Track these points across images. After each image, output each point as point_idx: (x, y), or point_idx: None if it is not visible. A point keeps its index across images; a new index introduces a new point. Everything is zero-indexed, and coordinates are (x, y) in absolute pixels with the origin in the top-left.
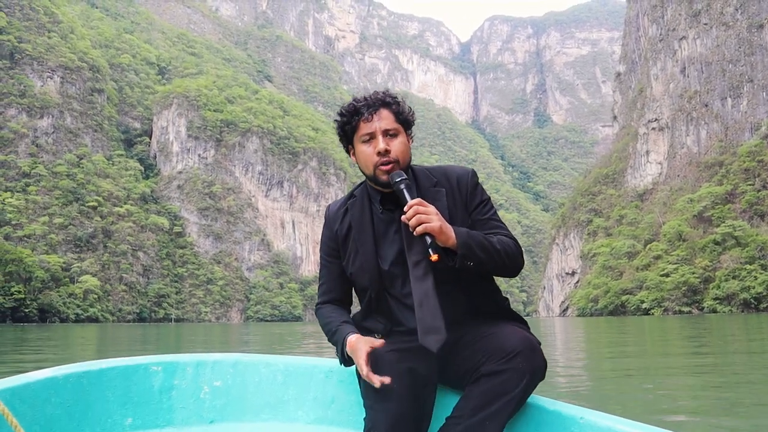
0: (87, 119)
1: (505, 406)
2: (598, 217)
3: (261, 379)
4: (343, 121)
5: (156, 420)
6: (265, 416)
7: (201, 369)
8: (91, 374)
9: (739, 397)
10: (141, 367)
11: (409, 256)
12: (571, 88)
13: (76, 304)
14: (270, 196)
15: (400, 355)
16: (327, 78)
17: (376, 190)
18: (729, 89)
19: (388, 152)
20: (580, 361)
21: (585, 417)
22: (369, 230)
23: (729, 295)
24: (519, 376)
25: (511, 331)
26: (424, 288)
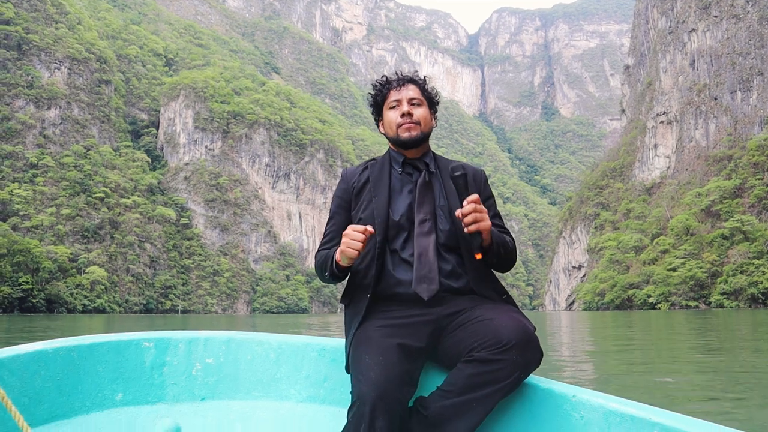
0: (94, 110)
1: (494, 393)
2: (606, 210)
3: (253, 357)
4: (376, 92)
5: (147, 396)
6: (257, 394)
7: (193, 346)
8: (82, 348)
9: (745, 390)
10: (133, 342)
11: (417, 213)
12: (579, 81)
13: (83, 294)
14: (277, 188)
15: (389, 330)
16: (334, 70)
17: (399, 153)
18: (739, 82)
19: (411, 114)
20: (585, 355)
21: (577, 395)
22: (386, 184)
23: (736, 290)
24: (512, 367)
25: (509, 319)
26: (425, 244)
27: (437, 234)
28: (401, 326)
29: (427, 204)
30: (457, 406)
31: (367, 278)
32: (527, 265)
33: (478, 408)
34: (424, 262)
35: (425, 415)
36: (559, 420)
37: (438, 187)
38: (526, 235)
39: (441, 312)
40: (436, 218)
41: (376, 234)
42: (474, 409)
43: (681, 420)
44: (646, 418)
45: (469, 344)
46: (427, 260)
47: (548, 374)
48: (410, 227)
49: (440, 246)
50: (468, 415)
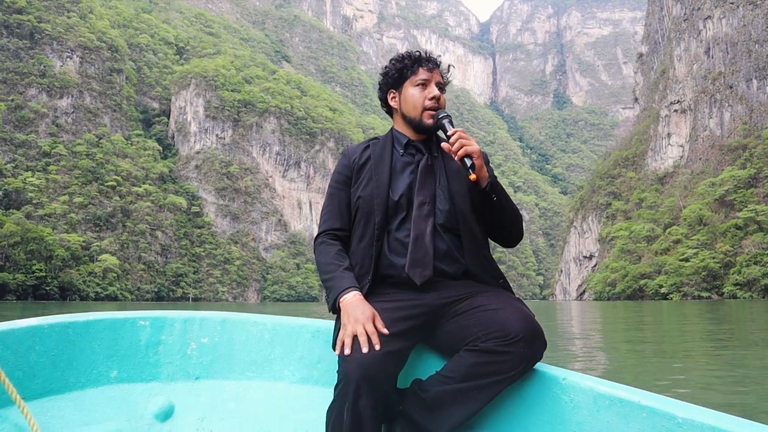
0: (106, 99)
1: (497, 384)
2: (617, 200)
3: (248, 338)
4: (403, 64)
5: (141, 374)
6: (251, 374)
7: (189, 325)
8: (77, 325)
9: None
10: (129, 320)
11: (417, 195)
12: (591, 69)
13: (95, 282)
14: (287, 176)
15: (380, 312)
16: (345, 58)
17: (404, 135)
18: (755, 70)
19: (439, 99)
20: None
21: (567, 378)
22: (387, 163)
23: (750, 281)
24: (518, 360)
25: (515, 311)
26: (423, 227)
27: (436, 215)
28: (392, 309)
29: (428, 187)
30: (457, 392)
31: (366, 259)
32: (538, 254)
33: (479, 396)
34: (419, 246)
35: (423, 397)
36: (549, 402)
37: (440, 170)
38: (537, 224)
39: (435, 297)
40: (435, 200)
41: (375, 214)
42: (475, 397)
43: (669, 403)
44: (635, 401)
45: (472, 333)
46: (423, 244)
47: (558, 363)
48: (409, 208)
49: (439, 226)
50: (467, 403)
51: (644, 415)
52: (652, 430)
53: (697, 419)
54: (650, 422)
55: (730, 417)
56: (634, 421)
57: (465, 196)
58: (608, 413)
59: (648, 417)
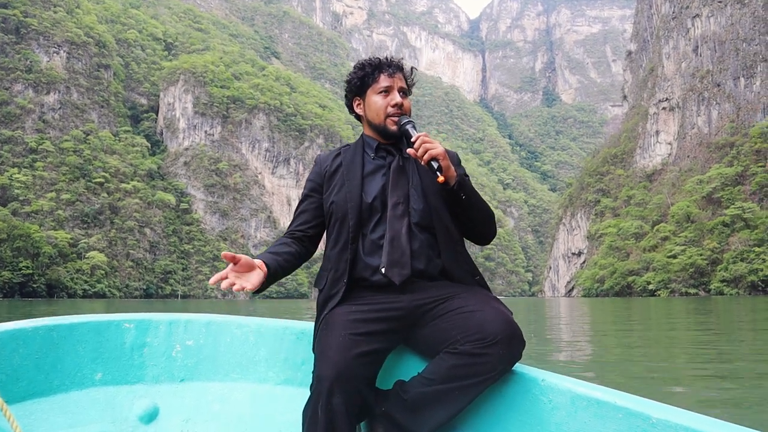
0: (93, 95)
1: (477, 385)
2: (606, 197)
3: (233, 340)
4: (364, 72)
5: (126, 376)
6: (235, 376)
7: (174, 328)
8: (61, 328)
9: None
10: (113, 323)
11: (390, 196)
12: (580, 66)
13: (83, 279)
14: (276, 173)
15: (358, 314)
16: (334, 55)
17: (374, 139)
18: (742, 69)
19: (402, 106)
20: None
21: (546, 379)
22: (359, 167)
23: (736, 278)
24: (497, 362)
25: (493, 311)
26: (398, 227)
27: (410, 214)
28: (370, 311)
29: (401, 187)
30: (438, 394)
31: (341, 263)
32: (527, 251)
33: (459, 397)
34: (396, 246)
35: (405, 399)
36: (528, 403)
37: (412, 170)
38: (526, 221)
39: (413, 298)
40: (409, 200)
41: (349, 217)
42: (455, 398)
43: (644, 404)
44: (612, 402)
45: (451, 335)
46: (399, 244)
47: (545, 357)
48: (383, 209)
49: (413, 225)
50: (448, 404)
51: (620, 416)
52: (627, 431)
53: (671, 419)
54: (626, 423)
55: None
56: (611, 421)
57: (438, 195)
58: (586, 414)
59: (624, 417)
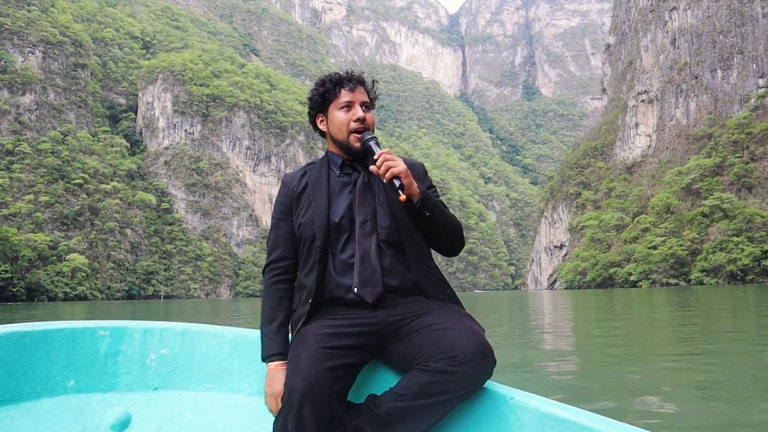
0: (70, 95)
1: (448, 402)
2: (587, 189)
3: (208, 349)
4: (325, 88)
5: (99, 384)
6: (209, 385)
7: (149, 336)
8: (35, 334)
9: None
10: (88, 330)
11: (357, 214)
12: (560, 60)
13: (64, 282)
14: (258, 171)
15: (331, 330)
16: (314, 51)
17: (338, 155)
18: (719, 61)
19: (364, 120)
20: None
21: (515, 397)
22: (324, 187)
23: (716, 267)
24: (467, 380)
25: (465, 330)
26: (367, 245)
27: (378, 232)
28: (344, 326)
29: (367, 204)
30: (410, 409)
31: (308, 283)
32: (509, 244)
33: (430, 414)
34: (366, 264)
35: (376, 413)
36: (496, 421)
37: (378, 186)
38: (508, 215)
39: (386, 315)
40: (376, 217)
41: (317, 238)
42: (426, 414)
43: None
44: (578, 421)
45: (424, 352)
46: (369, 262)
47: (529, 353)
48: (351, 228)
49: (381, 243)
50: (419, 420)
51: None
52: None
53: None
54: None
55: None
56: None
57: (405, 210)
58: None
59: None
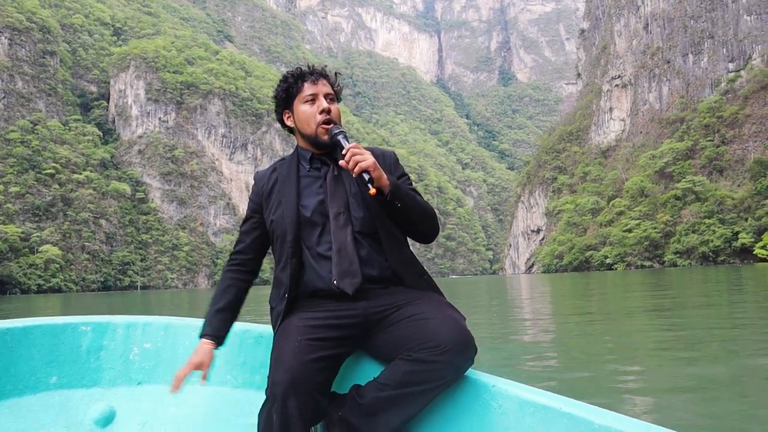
0: (39, 83)
1: (430, 391)
2: (563, 174)
3: (191, 343)
4: (288, 83)
5: (82, 379)
6: (194, 379)
7: (131, 330)
8: (15, 331)
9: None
10: (69, 326)
11: (330, 207)
12: (535, 45)
13: (37, 274)
14: (234, 159)
15: (313, 322)
16: (289, 37)
17: (307, 150)
18: (690, 45)
19: (330, 111)
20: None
21: (496, 385)
22: (294, 183)
23: (689, 249)
24: (448, 369)
25: (446, 319)
26: (342, 237)
27: (353, 223)
28: (326, 318)
29: (339, 197)
30: (393, 399)
31: (284, 279)
32: (487, 230)
33: (413, 403)
34: (344, 256)
35: (360, 403)
36: (479, 409)
37: (348, 178)
38: (485, 200)
39: (368, 306)
40: (349, 208)
41: (287, 234)
42: (409, 403)
43: (588, 410)
44: (557, 407)
45: (406, 343)
46: (346, 254)
47: (510, 337)
48: (324, 222)
49: (357, 234)
50: (402, 409)
51: (565, 421)
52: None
53: (612, 426)
54: (571, 427)
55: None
56: (556, 427)
57: (377, 201)
58: (533, 419)
59: (569, 423)
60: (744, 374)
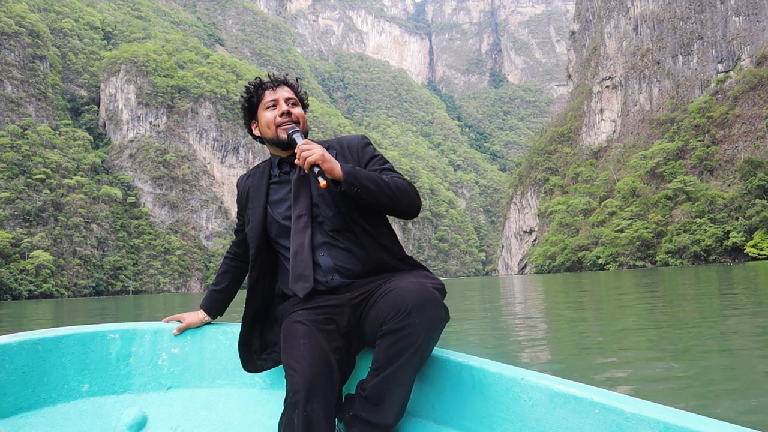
0: (29, 88)
1: (412, 357)
2: (555, 175)
3: (218, 346)
4: (250, 94)
5: (113, 386)
6: (222, 382)
7: (159, 336)
8: (47, 341)
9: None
10: (98, 334)
11: (293, 210)
12: (525, 47)
13: (28, 280)
14: (226, 162)
15: (310, 321)
16: (280, 41)
17: (277, 155)
18: (680, 46)
19: (290, 113)
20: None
21: (525, 378)
22: (263, 192)
23: (680, 249)
24: (417, 330)
25: (407, 284)
26: (300, 240)
27: (323, 223)
28: (319, 313)
29: (302, 199)
30: (386, 379)
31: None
32: (479, 231)
33: (403, 377)
34: (299, 260)
35: (365, 396)
36: (509, 402)
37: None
38: (477, 201)
39: (350, 297)
40: (312, 211)
41: (252, 248)
42: (400, 378)
43: (619, 399)
44: (588, 398)
45: (379, 320)
46: (302, 257)
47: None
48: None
49: (330, 233)
50: (397, 386)
51: (596, 411)
52: (603, 425)
53: (644, 414)
54: (602, 417)
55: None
56: (587, 417)
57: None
58: (564, 410)
59: (600, 413)
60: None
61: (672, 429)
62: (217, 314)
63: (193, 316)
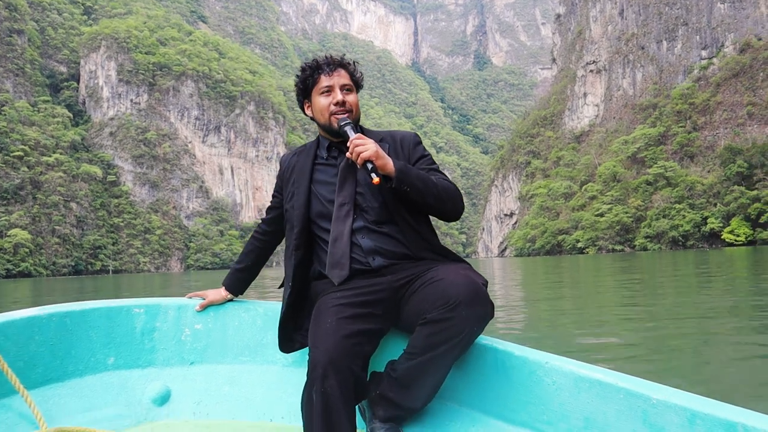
0: (6, 63)
1: (452, 349)
2: (536, 158)
3: (241, 323)
4: (305, 75)
5: (138, 360)
6: (244, 358)
7: (183, 312)
8: (74, 314)
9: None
10: (124, 308)
11: (337, 197)
12: (511, 29)
13: (6, 259)
14: (207, 141)
15: (345, 301)
16: (264, 19)
17: (326, 139)
18: (664, 32)
19: (344, 103)
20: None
21: (549, 362)
22: (308, 173)
23: (659, 234)
24: (462, 323)
25: (456, 276)
26: (341, 228)
27: (367, 212)
28: (355, 295)
29: (347, 188)
30: (421, 365)
31: (288, 269)
32: (461, 216)
33: (440, 365)
34: (337, 247)
35: (394, 377)
36: (533, 386)
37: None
38: (459, 184)
39: (392, 280)
40: (356, 201)
41: (295, 227)
42: (436, 366)
43: (644, 385)
44: (613, 383)
45: (423, 307)
46: (340, 245)
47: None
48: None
49: (371, 223)
50: (432, 373)
51: (621, 397)
52: (628, 411)
53: (671, 401)
54: (627, 403)
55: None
56: (612, 402)
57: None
58: (588, 395)
59: (625, 398)
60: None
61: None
62: (238, 292)
63: (215, 293)
